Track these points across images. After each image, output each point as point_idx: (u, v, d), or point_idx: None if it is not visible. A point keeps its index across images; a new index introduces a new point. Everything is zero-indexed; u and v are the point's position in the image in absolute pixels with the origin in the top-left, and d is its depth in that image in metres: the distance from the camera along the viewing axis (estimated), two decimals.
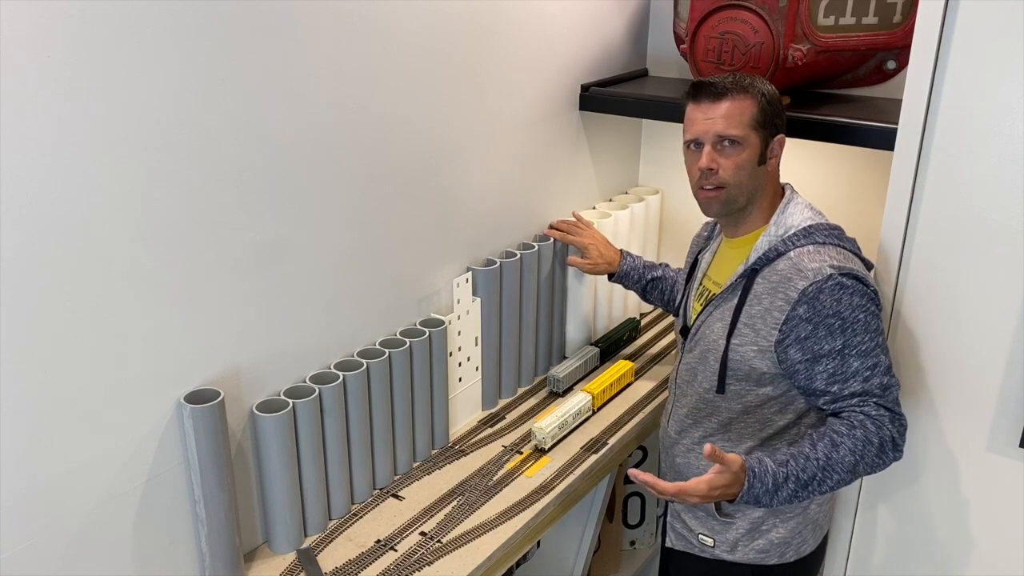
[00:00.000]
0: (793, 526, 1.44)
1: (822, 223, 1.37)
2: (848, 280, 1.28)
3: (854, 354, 1.28)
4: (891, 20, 1.78)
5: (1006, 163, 1.30)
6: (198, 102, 1.18)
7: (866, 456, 1.27)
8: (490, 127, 1.77)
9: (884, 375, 1.30)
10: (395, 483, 1.63)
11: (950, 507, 1.50)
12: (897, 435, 1.29)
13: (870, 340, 1.29)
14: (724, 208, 1.40)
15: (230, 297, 1.31)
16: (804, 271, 1.29)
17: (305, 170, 1.38)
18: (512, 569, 2.03)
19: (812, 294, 1.28)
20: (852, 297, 1.28)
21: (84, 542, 1.19)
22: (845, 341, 1.28)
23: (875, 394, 1.29)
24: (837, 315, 1.27)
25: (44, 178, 1.03)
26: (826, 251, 1.31)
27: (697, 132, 1.37)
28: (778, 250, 1.33)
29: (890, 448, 1.29)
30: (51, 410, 1.11)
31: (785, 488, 1.25)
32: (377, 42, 1.45)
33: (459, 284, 1.72)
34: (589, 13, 1.99)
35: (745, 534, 1.45)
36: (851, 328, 1.28)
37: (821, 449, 1.27)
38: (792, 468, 1.26)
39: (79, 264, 1.09)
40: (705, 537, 1.48)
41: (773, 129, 1.37)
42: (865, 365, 1.29)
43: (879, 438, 1.27)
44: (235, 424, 1.37)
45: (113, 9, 1.05)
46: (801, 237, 1.33)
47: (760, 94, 1.35)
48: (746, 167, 1.35)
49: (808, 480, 1.26)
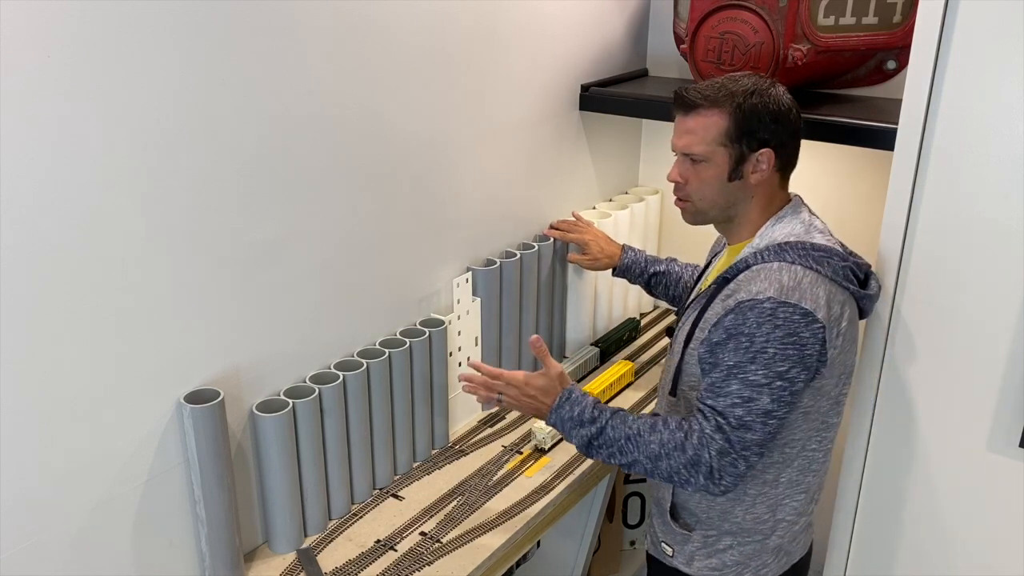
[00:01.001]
0: (750, 551, 1.39)
1: (803, 242, 1.27)
2: (783, 311, 1.20)
3: (739, 378, 1.22)
4: (891, 20, 1.78)
5: (1006, 163, 1.30)
6: (198, 102, 1.18)
7: (672, 458, 1.24)
8: (490, 127, 1.77)
9: (752, 416, 1.21)
10: (395, 483, 1.63)
11: (950, 507, 1.50)
12: (717, 467, 1.22)
13: (763, 376, 1.21)
14: (694, 219, 1.39)
15: (230, 297, 1.31)
16: (751, 285, 1.24)
17: (305, 170, 1.38)
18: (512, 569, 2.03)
19: (744, 309, 1.23)
20: (776, 329, 1.20)
21: (84, 542, 1.19)
22: (739, 362, 1.22)
23: (726, 421, 1.22)
24: (750, 337, 1.21)
25: (44, 178, 1.03)
26: (788, 272, 1.23)
27: (672, 143, 1.37)
28: (747, 262, 1.29)
29: (704, 473, 1.23)
30: (51, 410, 1.11)
31: (588, 428, 1.29)
32: (377, 42, 1.45)
33: (459, 284, 1.73)
34: (589, 13, 1.99)
35: (699, 548, 1.42)
36: (753, 356, 1.21)
37: (640, 423, 1.28)
38: (606, 417, 1.29)
39: (79, 264, 1.09)
40: (666, 546, 1.47)
41: (753, 143, 1.29)
42: (740, 395, 1.22)
43: (695, 453, 1.22)
44: (235, 424, 1.37)
45: (113, 9, 1.05)
46: (772, 253, 1.27)
47: (736, 107, 1.28)
48: (712, 183, 1.32)
49: (612, 439, 1.28)
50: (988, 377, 1.39)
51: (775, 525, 1.38)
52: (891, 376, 1.49)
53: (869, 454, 1.55)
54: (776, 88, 1.32)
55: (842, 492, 1.62)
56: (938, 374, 1.45)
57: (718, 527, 1.39)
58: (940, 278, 1.41)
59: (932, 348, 1.44)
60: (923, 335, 1.45)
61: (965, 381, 1.42)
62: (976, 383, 1.41)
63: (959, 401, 1.44)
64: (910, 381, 1.48)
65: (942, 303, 1.41)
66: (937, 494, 1.51)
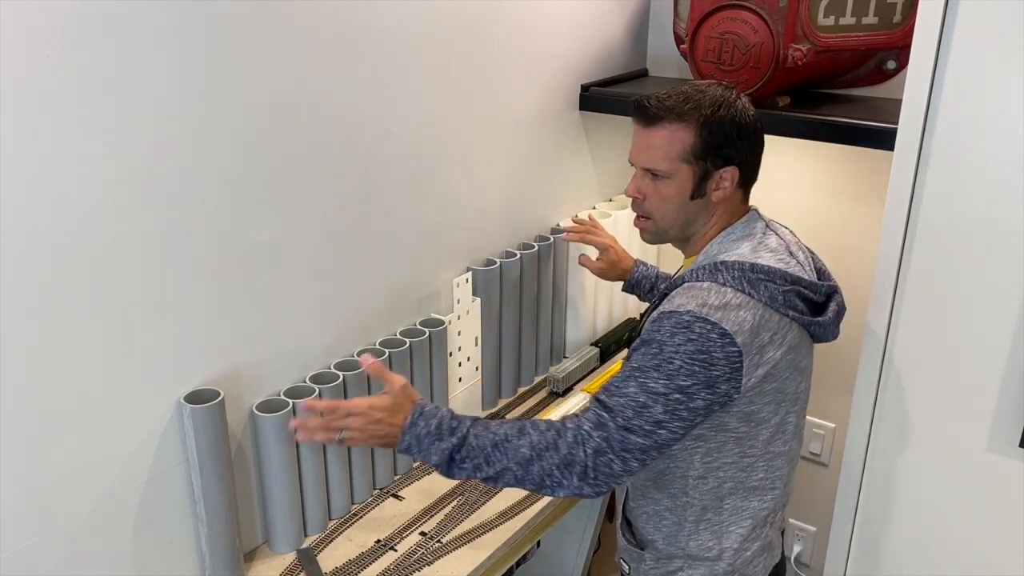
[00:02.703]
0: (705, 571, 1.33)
1: (742, 263, 1.21)
2: (699, 325, 1.14)
3: (639, 381, 1.15)
4: (891, 20, 1.78)
5: (1006, 163, 1.30)
6: (198, 102, 1.18)
7: (544, 459, 1.15)
8: (490, 127, 1.77)
9: (639, 419, 1.14)
10: (395, 483, 1.63)
11: (950, 507, 1.50)
12: (592, 466, 1.14)
13: (663, 387, 1.14)
14: (653, 239, 1.33)
15: (230, 297, 1.31)
16: (675, 299, 1.19)
17: (304, 170, 1.38)
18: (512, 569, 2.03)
19: (661, 318, 1.18)
20: (687, 343, 1.14)
21: (84, 542, 1.19)
22: (642, 366, 1.16)
23: (612, 418, 1.15)
24: (660, 345, 1.15)
25: (44, 178, 1.03)
26: (717, 292, 1.18)
27: (630, 156, 1.28)
28: (683, 278, 1.24)
29: (578, 473, 1.14)
30: (51, 410, 1.11)
31: (448, 441, 1.15)
32: (376, 42, 1.45)
33: (459, 284, 1.72)
34: (589, 13, 1.99)
35: (653, 568, 1.37)
36: (656, 361, 1.15)
37: (506, 428, 1.17)
38: (467, 425, 1.17)
39: (78, 265, 1.09)
40: (623, 563, 1.44)
41: (718, 160, 1.23)
42: (636, 399, 1.15)
43: (568, 452, 1.14)
44: (235, 424, 1.37)
45: (112, 11, 1.05)
46: (706, 272, 1.21)
47: (702, 122, 1.21)
48: (673, 200, 1.26)
49: (476, 448, 1.15)
50: (988, 377, 1.39)
51: (721, 552, 1.32)
52: (891, 376, 1.49)
53: (869, 454, 1.55)
54: (742, 100, 1.25)
55: (842, 492, 1.62)
56: (938, 374, 1.45)
57: (664, 550, 1.35)
58: (940, 278, 1.40)
59: (932, 348, 1.44)
60: (923, 335, 1.45)
61: (965, 381, 1.42)
62: (976, 383, 1.41)
63: (959, 401, 1.44)
64: (910, 381, 1.48)
65: (942, 303, 1.41)
66: (937, 494, 1.51)
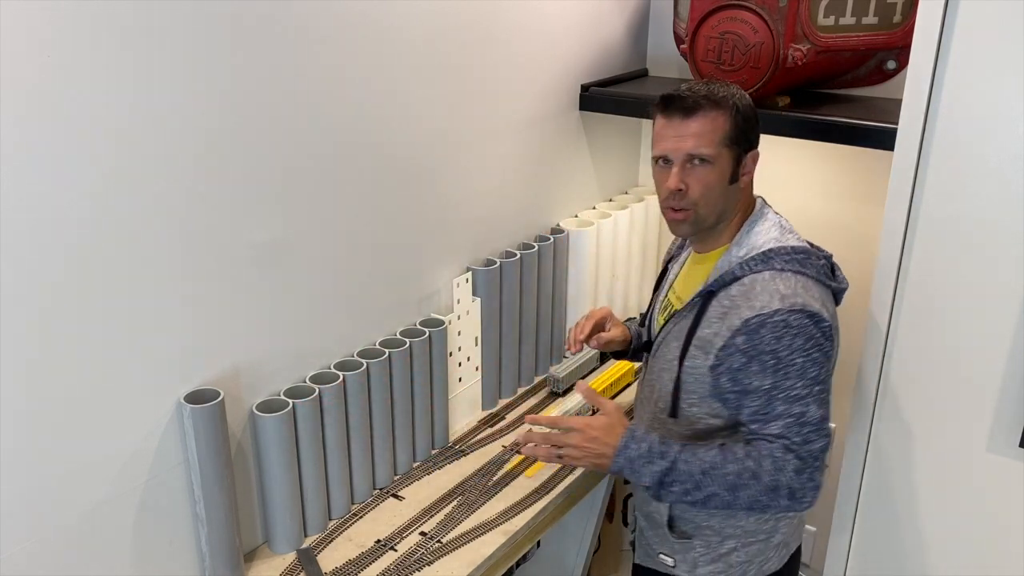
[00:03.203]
0: (755, 550, 1.40)
1: (785, 247, 1.28)
2: (795, 318, 1.20)
3: (781, 398, 1.22)
4: (891, 20, 1.78)
5: (1006, 163, 1.30)
6: (199, 102, 1.18)
7: (751, 489, 1.22)
8: (490, 127, 1.77)
9: (808, 427, 1.22)
10: (395, 483, 1.63)
11: (950, 507, 1.50)
12: (798, 486, 1.22)
13: (802, 388, 1.21)
14: (693, 229, 1.33)
15: (230, 297, 1.31)
16: (752, 301, 1.23)
17: (305, 170, 1.38)
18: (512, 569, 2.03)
19: (754, 326, 1.21)
20: (794, 339, 1.20)
21: (84, 542, 1.19)
22: (775, 383, 1.21)
23: (790, 441, 1.22)
24: (773, 354, 1.21)
25: (43, 178, 1.03)
26: (782, 280, 1.23)
27: (666, 149, 1.29)
28: (734, 274, 1.27)
29: (785, 495, 1.22)
30: (51, 410, 1.11)
31: (659, 464, 1.22)
32: (378, 42, 1.45)
33: (459, 284, 1.72)
34: (589, 13, 1.99)
35: (703, 555, 1.40)
36: (784, 371, 1.21)
37: (714, 455, 1.23)
38: (675, 450, 1.23)
39: (79, 265, 1.09)
40: (665, 557, 1.45)
41: (746, 145, 1.30)
42: (789, 412, 1.22)
43: (772, 480, 1.21)
44: (235, 424, 1.37)
45: (114, 10, 1.05)
46: (759, 262, 1.26)
47: (734, 108, 1.27)
48: (716, 187, 1.28)
49: (686, 474, 1.22)
50: (988, 377, 1.39)
51: (776, 524, 1.39)
52: (891, 376, 1.49)
53: (869, 454, 1.55)
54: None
55: (842, 492, 1.62)
56: (938, 374, 1.45)
57: (719, 532, 1.39)
58: (940, 278, 1.41)
59: (932, 348, 1.44)
60: (923, 335, 1.45)
61: (965, 381, 1.42)
62: (976, 383, 1.41)
63: (959, 401, 1.44)
64: (910, 381, 1.48)
65: (942, 303, 1.41)
66: (937, 494, 1.51)
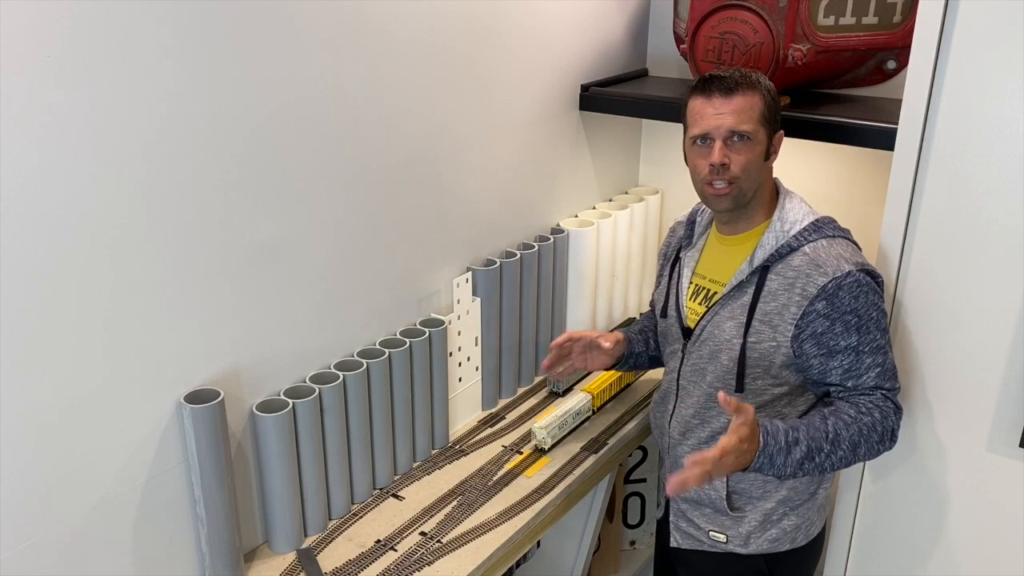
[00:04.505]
0: (803, 511, 1.47)
1: (825, 217, 1.39)
2: (864, 277, 1.32)
3: (868, 351, 1.33)
4: (891, 20, 1.78)
5: (1006, 163, 1.30)
6: (198, 101, 1.18)
7: (869, 441, 1.31)
8: (490, 127, 1.77)
9: (891, 372, 1.35)
10: (395, 483, 1.63)
11: (950, 507, 1.50)
12: (896, 427, 1.35)
13: (881, 337, 1.33)
14: (734, 203, 1.38)
15: (230, 297, 1.31)
16: (823, 267, 1.32)
17: (305, 171, 1.38)
18: (512, 569, 2.03)
19: (832, 290, 1.31)
20: (869, 295, 1.32)
21: (84, 542, 1.19)
22: (860, 338, 1.32)
23: (885, 388, 1.34)
24: (854, 312, 1.31)
25: (43, 178, 1.03)
26: (838, 245, 1.35)
27: (707, 127, 1.35)
28: (790, 246, 1.36)
29: (888, 439, 1.34)
30: (51, 410, 1.11)
31: (796, 450, 1.27)
32: (377, 42, 1.45)
33: (459, 284, 1.72)
34: (589, 13, 1.99)
35: (758, 527, 1.46)
36: (866, 325, 1.32)
37: (832, 424, 1.30)
38: (803, 432, 1.29)
39: (79, 265, 1.09)
40: (716, 534, 1.49)
41: (776, 125, 1.40)
42: (876, 362, 1.33)
43: (882, 427, 1.32)
44: (235, 424, 1.37)
45: (112, 9, 1.05)
46: (812, 232, 1.36)
47: (766, 89, 1.37)
48: (755, 162, 1.36)
49: (816, 449, 1.28)
50: (988, 377, 1.39)
51: (821, 484, 1.48)
52: None
53: None
54: None
55: (842, 492, 1.62)
56: (938, 374, 1.45)
57: (774, 497, 1.45)
58: (940, 278, 1.41)
59: (932, 348, 1.44)
60: (923, 335, 1.45)
61: (965, 381, 1.42)
62: (976, 383, 1.41)
63: (959, 401, 1.44)
64: (910, 381, 1.48)
65: (942, 303, 1.41)
66: (937, 494, 1.51)
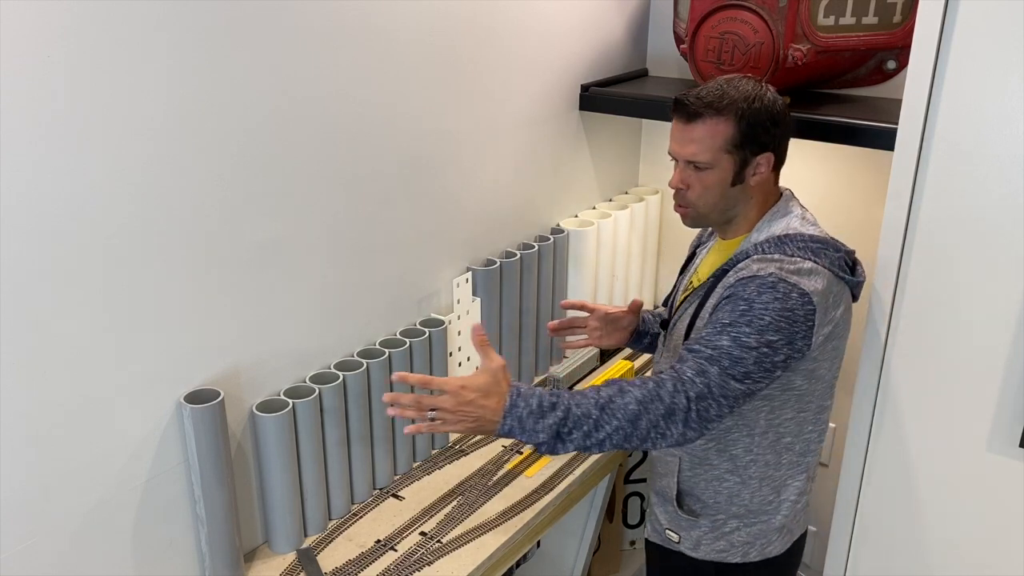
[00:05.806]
0: (757, 531, 1.44)
1: (802, 233, 1.31)
2: (784, 286, 1.23)
3: (731, 335, 1.22)
4: (891, 20, 1.78)
5: (1006, 163, 1.30)
6: (199, 102, 1.18)
7: (650, 412, 1.18)
8: (490, 127, 1.77)
9: (735, 370, 1.21)
10: (395, 483, 1.63)
11: (950, 507, 1.50)
12: (695, 411, 1.20)
13: (754, 340, 1.22)
14: (694, 224, 1.41)
15: (230, 297, 1.31)
16: (752, 267, 1.28)
17: (305, 170, 1.38)
18: (512, 569, 2.03)
19: (745, 280, 1.26)
20: (774, 301, 1.23)
21: (84, 542, 1.19)
22: (734, 321, 1.23)
23: (707, 367, 1.21)
24: (748, 301, 1.24)
25: (43, 178, 1.03)
26: (788, 260, 1.27)
27: (671, 150, 1.36)
28: (747, 253, 1.32)
29: (680, 420, 1.19)
30: (51, 410, 1.11)
31: (552, 416, 1.16)
32: (377, 42, 1.45)
33: (459, 284, 1.72)
34: (589, 13, 1.99)
35: (707, 533, 1.45)
36: (748, 317, 1.22)
37: (605, 392, 1.20)
38: (566, 398, 1.18)
39: (79, 265, 1.09)
40: (671, 533, 1.50)
41: (755, 147, 1.32)
42: (730, 352, 1.21)
43: (671, 401, 1.19)
44: (235, 424, 1.37)
45: (112, 9, 1.05)
46: (772, 245, 1.30)
47: (739, 114, 1.29)
48: (715, 189, 1.33)
49: (582, 416, 1.17)
50: (988, 377, 1.39)
51: (779, 505, 1.44)
52: (891, 376, 1.49)
53: (869, 454, 1.55)
54: (770, 90, 1.33)
55: (842, 492, 1.62)
56: (938, 374, 1.45)
57: (725, 511, 1.44)
58: (940, 278, 1.40)
59: (932, 348, 1.44)
60: (923, 335, 1.45)
61: (965, 381, 1.42)
62: (976, 383, 1.41)
63: (959, 401, 1.44)
64: (910, 381, 1.48)
65: (942, 303, 1.41)
66: (937, 494, 1.51)
